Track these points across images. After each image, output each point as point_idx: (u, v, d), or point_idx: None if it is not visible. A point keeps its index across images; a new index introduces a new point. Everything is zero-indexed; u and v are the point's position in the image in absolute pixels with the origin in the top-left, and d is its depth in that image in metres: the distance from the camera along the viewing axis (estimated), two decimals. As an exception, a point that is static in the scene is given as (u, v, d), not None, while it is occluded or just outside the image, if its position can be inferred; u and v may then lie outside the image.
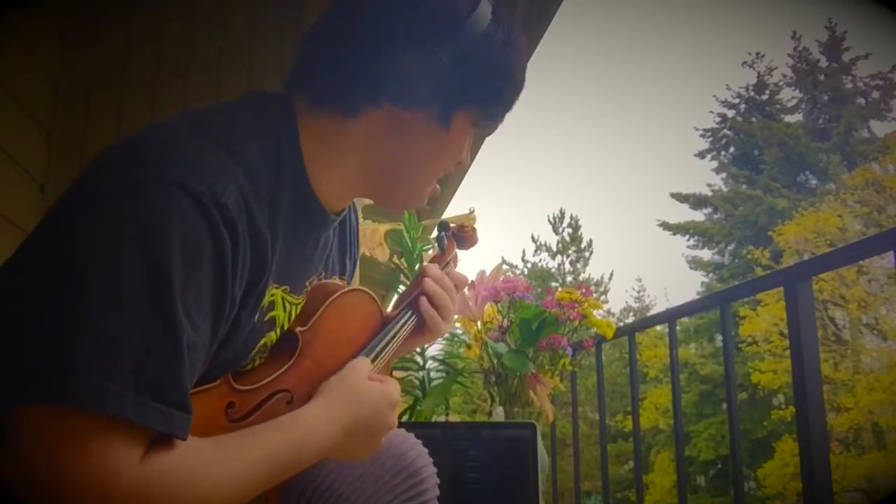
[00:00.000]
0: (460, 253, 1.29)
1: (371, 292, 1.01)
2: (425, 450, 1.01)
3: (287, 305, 0.87)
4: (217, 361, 0.76)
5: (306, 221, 0.86)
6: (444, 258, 1.20)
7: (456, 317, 2.11)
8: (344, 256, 1.05)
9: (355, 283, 1.05)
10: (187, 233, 0.67)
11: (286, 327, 0.87)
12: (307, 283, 0.91)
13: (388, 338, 0.99)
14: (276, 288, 0.83)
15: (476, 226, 1.35)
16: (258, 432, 0.76)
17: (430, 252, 2.19)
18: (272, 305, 0.83)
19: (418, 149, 0.86)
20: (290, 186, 0.81)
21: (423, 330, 1.07)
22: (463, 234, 1.28)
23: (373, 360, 0.94)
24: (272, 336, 0.86)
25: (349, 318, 0.95)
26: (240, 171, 0.74)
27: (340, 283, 0.99)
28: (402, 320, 1.04)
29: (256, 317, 0.80)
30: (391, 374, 1.05)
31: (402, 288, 2.13)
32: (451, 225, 1.28)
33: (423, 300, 1.05)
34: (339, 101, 0.84)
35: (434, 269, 1.10)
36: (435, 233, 1.33)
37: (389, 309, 1.11)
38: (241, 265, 0.73)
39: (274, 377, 0.84)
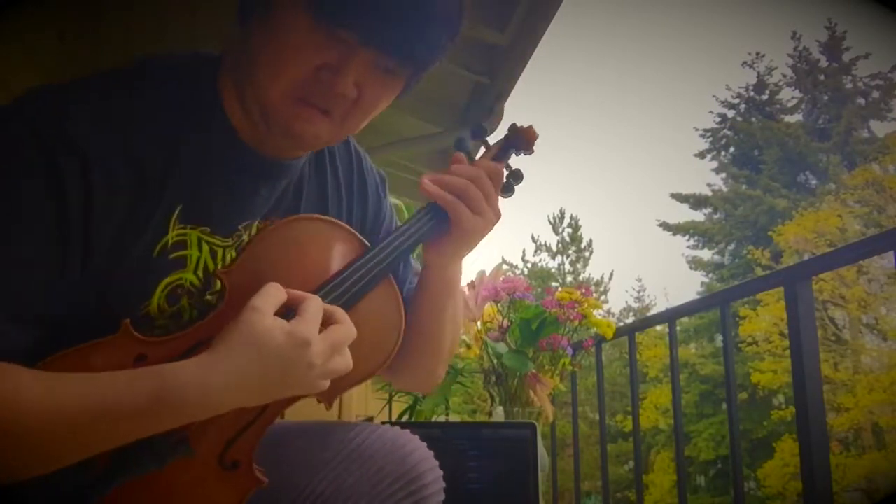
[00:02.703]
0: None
1: (334, 219, 0.90)
2: (430, 452, 0.94)
3: (205, 245, 0.84)
4: (106, 299, 0.77)
5: (230, 161, 0.85)
6: (463, 161, 0.93)
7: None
8: (325, 209, 0.97)
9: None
10: (19, 170, 0.72)
11: (213, 271, 0.84)
12: (240, 227, 0.87)
13: (370, 261, 0.87)
14: (191, 229, 0.83)
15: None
16: (103, 379, 0.70)
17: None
18: (182, 245, 0.82)
19: (252, 45, 0.81)
20: (204, 121, 0.83)
21: (449, 229, 0.90)
22: (515, 135, 1.00)
23: (338, 297, 0.83)
24: (187, 277, 0.83)
25: (302, 248, 0.85)
26: (114, 103, 0.78)
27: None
28: (403, 227, 0.90)
29: (154, 251, 0.80)
30: (396, 304, 0.91)
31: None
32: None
33: (434, 187, 0.88)
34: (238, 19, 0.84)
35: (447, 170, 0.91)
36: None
37: None
38: (94, 191, 0.75)
39: (196, 326, 0.78)
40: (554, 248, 23.34)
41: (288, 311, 0.77)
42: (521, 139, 1.00)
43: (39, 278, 0.73)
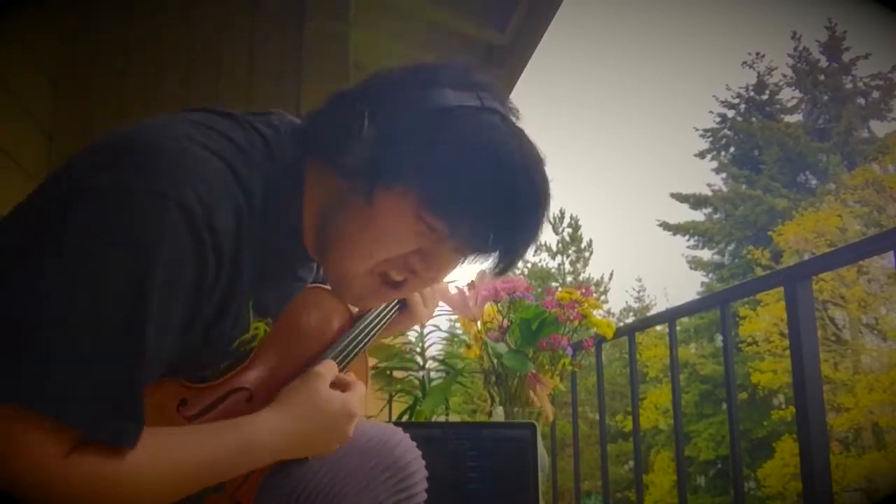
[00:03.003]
0: None
1: (330, 289, 0.97)
2: (413, 443, 1.02)
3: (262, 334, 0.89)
4: (176, 364, 0.77)
5: (291, 256, 0.87)
6: None
7: (455, 315, 2.10)
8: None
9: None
10: (174, 254, 0.67)
11: None
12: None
13: (360, 332, 1.00)
14: (258, 320, 0.85)
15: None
16: (197, 434, 0.76)
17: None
18: (254, 339, 0.86)
19: (346, 220, 0.80)
20: (283, 217, 0.82)
21: (404, 314, 1.09)
22: None
23: (340, 361, 0.95)
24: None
25: (311, 313, 0.96)
26: (239, 192, 0.74)
27: None
28: (380, 310, 1.04)
29: (231, 344, 0.83)
30: (365, 369, 1.06)
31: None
32: None
33: None
34: (321, 153, 0.81)
35: None
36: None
37: None
38: (217, 287, 0.74)
39: (230, 376, 0.85)
40: (554, 248, 23.33)
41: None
42: None
43: (162, 369, 0.73)
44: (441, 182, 0.76)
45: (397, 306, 1.08)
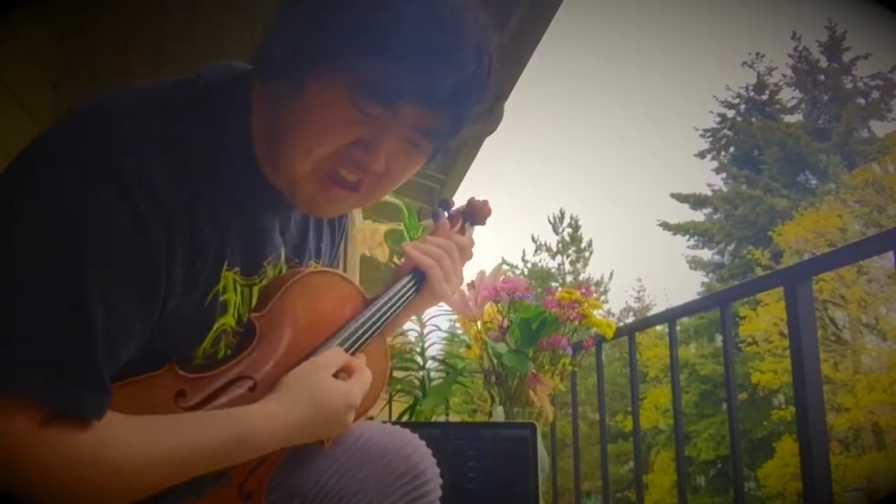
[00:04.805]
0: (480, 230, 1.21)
1: (343, 274, 0.99)
2: (429, 450, 1.00)
3: (239, 288, 0.86)
4: (158, 347, 0.77)
5: (256, 198, 0.85)
6: (439, 233, 1.11)
7: (455, 315, 2.10)
8: (319, 241, 1.03)
9: (355, 281, 1.02)
10: (104, 217, 0.69)
11: (243, 312, 0.87)
12: (265, 264, 0.89)
13: (373, 315, 0.97)
14: (228, 270, 0.83)
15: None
16: (188, 422, 0.75)
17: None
18: (225, 289, 0.83)
19: (283, 117, 0.80)
20: (235, 160, 0.82)
21: (424, 293, 1.04)
22: (472, 209, 1.19)
23: (350, 346, 0.92)
24: (229, 320, 0.85)
25: (319, 299, 0.93)
26: (177, 148, 0.75)
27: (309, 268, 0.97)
28: (396, 289, 1.01)
29: (204, 301, 0.81)
30: (383, 352, 1.02)
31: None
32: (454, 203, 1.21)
33: (416, 251, 1.03)
34: (260, 69, 0.83)
35: (425, 239, 1.07)
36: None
37: None
38: (176, 244, 0.73)
39: (231, 364, 0.83)
40: (554, 248, 23.34)
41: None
42: (474, 213, 1.18)
43: (136, 335, 0.73)
44: (367, 58, 0.74)
45: (414, 286, 1.03)
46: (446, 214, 1.15)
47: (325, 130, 0.78)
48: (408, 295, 1.02)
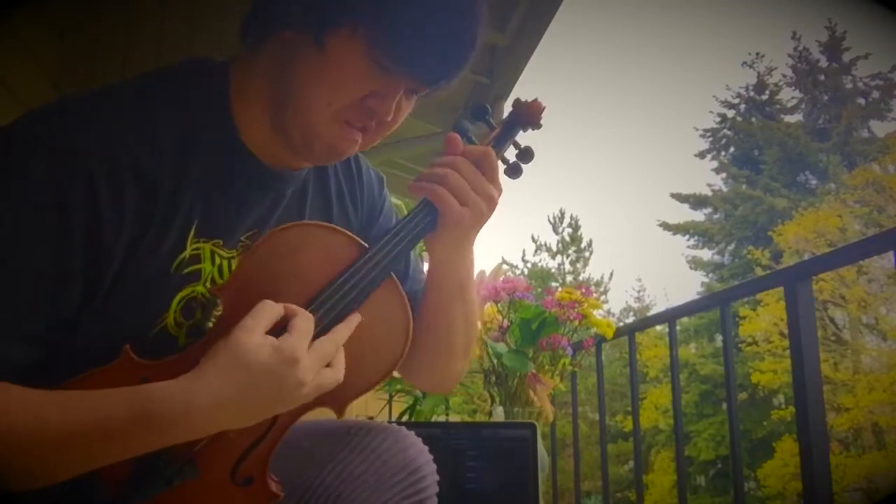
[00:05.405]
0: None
1: (329, 224, 0.89)
2: (425, 447, 0.99)
3: (217, 259, 0.85)
4: (122, 319, 0.78)
5: (239, 173, 0.87)
6: (446, 151, 0.91)
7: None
8: (329, 215, 0.99)
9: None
10: (22, 181, 0.73)
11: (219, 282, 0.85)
12: (244, 237, 0.88)
13: (366, 265, 0.84)
14: (204, 242, 0.83)
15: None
16: (79, 398, 0.71)
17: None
18: (196, 259, 0.83)
19: (300, 72, 0.81)
20: (214, 134, 0.84)
21: (440, 224, 0.90)
22: (519, 111, 0.98)
23: (329, 303, 0.81)
24: (199, 289, 0.84)
25: (295, 258, 0.83)
26: (128, 119, 0.79)
27: None
28: (396, 229, 0.89)
29: (169, 268, 0.81)
30: (398, 302, 0.87)
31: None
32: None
33: (419, 182, 0.90)
34: (245, 39, 0.87)
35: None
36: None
37: None
38: (110, 211, 0.75)
39: (194, 346, 0.78)
40: (554, 248, 23.32)
41: (282, 327, 0.76)
42: (526, 114, 0.98)
43: (43, 296, 0.74)
44: (386, 16, 0.78)
45: (424, 218, 0.89)
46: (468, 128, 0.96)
47: (345, 83, 0.81)
48: (417, 228, 0.89)
